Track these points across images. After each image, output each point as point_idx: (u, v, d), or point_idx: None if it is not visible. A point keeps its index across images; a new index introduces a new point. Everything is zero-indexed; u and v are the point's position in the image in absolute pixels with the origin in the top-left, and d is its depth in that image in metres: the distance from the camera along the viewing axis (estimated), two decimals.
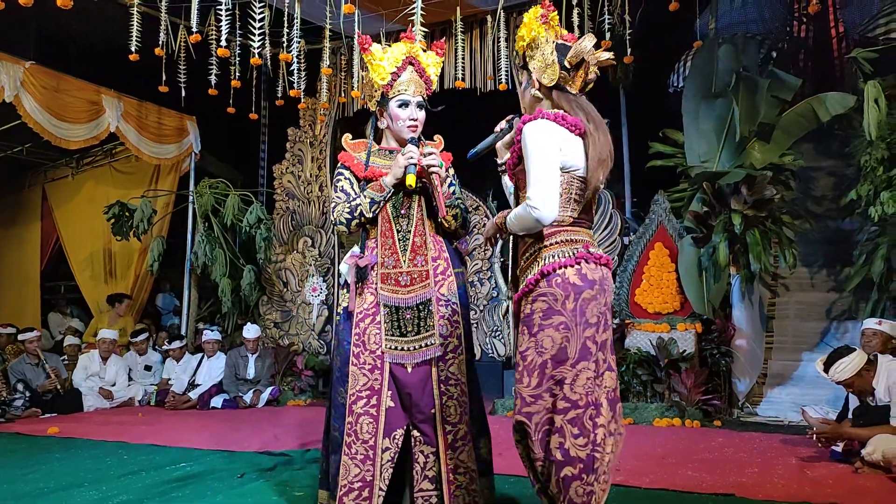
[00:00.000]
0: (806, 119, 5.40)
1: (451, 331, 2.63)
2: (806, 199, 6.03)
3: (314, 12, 6.10)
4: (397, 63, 2.70)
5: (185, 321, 7.66)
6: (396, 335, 2.61)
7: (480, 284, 6.86)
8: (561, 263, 2.13)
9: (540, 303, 2.14)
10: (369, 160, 2.73)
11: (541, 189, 2.08)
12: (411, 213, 2.68)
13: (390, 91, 2.70)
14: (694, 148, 5.77)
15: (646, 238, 5.80)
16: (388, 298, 2.63)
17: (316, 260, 7.46)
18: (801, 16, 7.36)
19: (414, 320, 2.62)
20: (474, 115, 6.57)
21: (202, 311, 7.96)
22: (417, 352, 2.61)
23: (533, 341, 2.13)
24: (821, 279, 5.83)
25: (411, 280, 2.64)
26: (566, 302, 2.11)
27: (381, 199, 2.63)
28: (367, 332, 2.62)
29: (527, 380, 2.14)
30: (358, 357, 2.61)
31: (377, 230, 2.68)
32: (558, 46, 2.24)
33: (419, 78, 2.73)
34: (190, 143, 7.79)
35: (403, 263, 2.64)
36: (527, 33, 2.27)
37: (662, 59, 7.32)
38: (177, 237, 8.00)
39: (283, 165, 7.81)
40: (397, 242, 2.66)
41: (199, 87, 6.20)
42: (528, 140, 2.13)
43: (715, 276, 5.34)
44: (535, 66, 2.25)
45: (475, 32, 6.69)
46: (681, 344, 5.42)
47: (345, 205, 2.64)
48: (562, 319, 2.11)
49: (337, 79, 7.36)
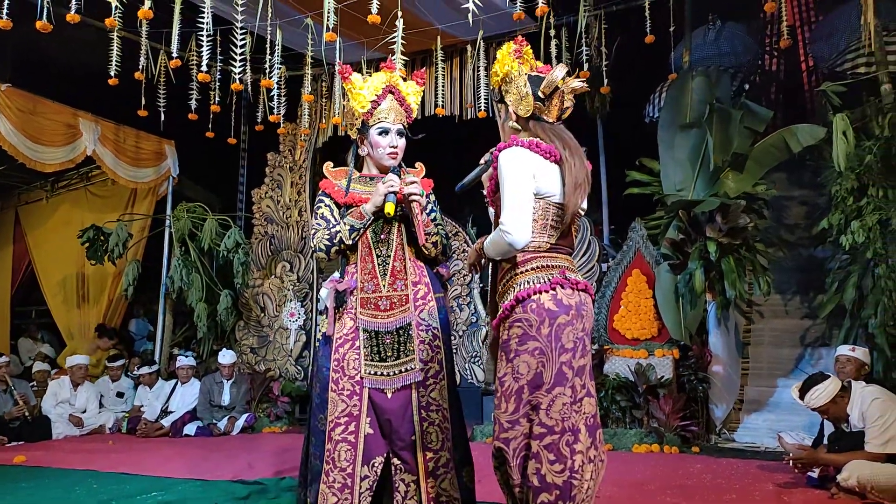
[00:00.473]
0: (778, 150, 5.52)
1: (433, 355, 2.63)
2: (779, 228, 6.14)
3: (296, 39, 6.14)
4: (377, 92, 2.73)
5: (159, 346, 7.53)
6: (376, 360, 2.60)
7: (460, 310, 6.86)
8: (536, 289, 2.15)
9: (516, 328, 2.15)
10: (349, 186, 2.74)
11: (513, 214, 2.12)
12: (391, 239, 2.69)
13: (370, 119, 2.73)
14: (670, 176, 5.86)
15: (623, 264, 5.86)
16: (368, 323, 2.62)
17: (294, 285, 7.40)
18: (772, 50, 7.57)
19: (394, 345, 2.61)
20: (454, 142, 6.65)
21: (177, 336, 7.83)
22: (397, 377, 2.59)
23: (510, 367, 2.14)
24: (794, 306, 5.91)
25: (391, 304, 2.63)
26: (541, 327, 2.12)
27: (360, 226, 2.64)
28: (346, 358, 2.60)
29: (504, 405, 2.14)
30: (337, 383, 2.58)
31: (357, 255, 2.68)
32: (531, 78, 2.30)
33: (399, 106, 2.75)
34: (168, 167, 7.73)
35: (383, 288, 2.64)
36: (500, 68, 2.35)
37: (638, 90, 7.46)
38: (152, 261, 7.89)
39: (263, 190, 7.78)
40: (377, 267, 2.66)
41: (179, 112, 6.18)
42: (502, 167, 2.18)
43: (691, 303, 5.39)
44: (511, 100, 2.32)
45: (455, 61, 6.78)
46: (659, 370, 5.45)
47: (325, 231, 2.65)
48: (537, 345, 2.12)
49: (318, 105, 7.39)
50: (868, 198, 4.77)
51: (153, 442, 6.04)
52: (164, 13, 5.08)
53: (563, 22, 6.13)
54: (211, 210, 7.52)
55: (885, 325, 4.58)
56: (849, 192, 4.86)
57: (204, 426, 6.35)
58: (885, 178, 4.78)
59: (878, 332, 4.60)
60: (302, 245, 7.50)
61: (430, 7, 5.73)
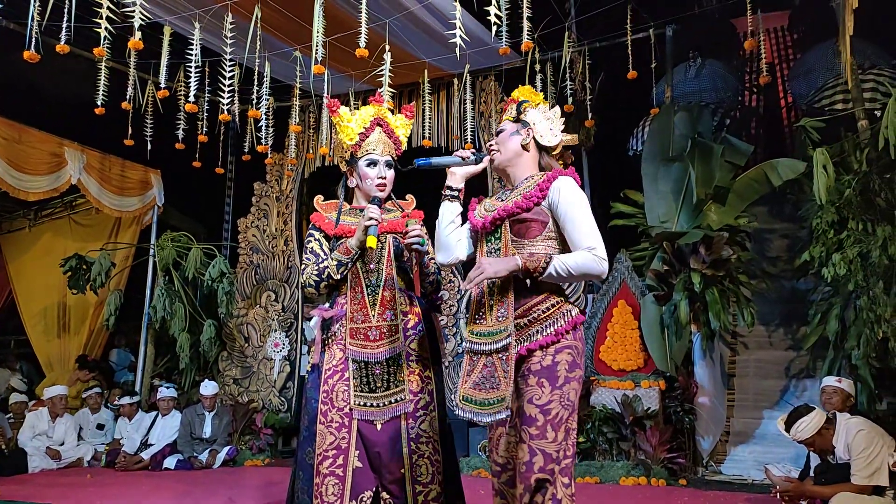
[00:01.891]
0: (759, 183, 5.60)
1: (423, 386, 2.60)
2: (761, 260, 6.20)
3: (284, 71, 6.19)
4: (365, 124, 2.75)
5: (139, 377, 7.40)
6: (365, 391, 2.56)
7: (445, 340, 6.79)
8: (580, 319, 2.21)
9: (565, 354, 2.15)
10: (339, 219, 2.74)
11: (601, 242, 2.15)
12: (381, 268, 2.68)
13: (359, 151, 2.74)
14: (654, 208, 5.92)
15: (609, 295, 5.87)
16: (357, 353, 2.59)
17: (279, 315, 7.33)
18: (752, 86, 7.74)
19: (383, 376, 2.58)
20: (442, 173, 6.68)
21: (158, 367, 7.69)
22: (387, 408, 2.55)
23: (557, 394, 2.11)
24: (779, 337, 5.94)
25: (380, 334, 2.60)
26: (583, 355, 2.22)
27: (347, 260, 2.62)
28: (335, 390, 2.57)
29: (552, 434, 2.08)
30: (325, 415, 2.54)
31: (347, 284, 2.66)
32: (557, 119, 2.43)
33: (388, 138, 2.77)
34: (153, 196, 7.69)
35: (373, 318, 2.62)
36: (532, 99, 2.45)
37: (622, 124, 7.58)
38: (135, 291, 7.79)
39: (248, 219, 7.75)
40: (366, 296, 2.64)
41: (166, 141, 6.18)
42: (578, 192, 2.23)
43: (677, 334, 5.40)
44: (540, 127, 2.38)
45: (441, 94, 6.86)
46: (645, 401, 5.43)
47: (313, 266, 2.63)
48: (580, 372, 2.19)
49: (305, 135, 7.41)
50: (848, 231, 4.84)
51: (132, 476, 5.89)
52: (153, 44, 5.11)
53: (549, 57, 6.24)
54: (196, 239, 7.46)
55: (867, 356, 4.61)
56: (829, 225, 4.93)
57: (184, 459, 6.21)
58: (864, 212, 4.85)
59: (861, 363, 4.62)
60: (287, 275, 7.45)
61: (417, 41, 5.81)
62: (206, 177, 6.93)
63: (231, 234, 8.03)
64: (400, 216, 2.84)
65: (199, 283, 7.27)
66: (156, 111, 6.20)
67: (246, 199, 7.85)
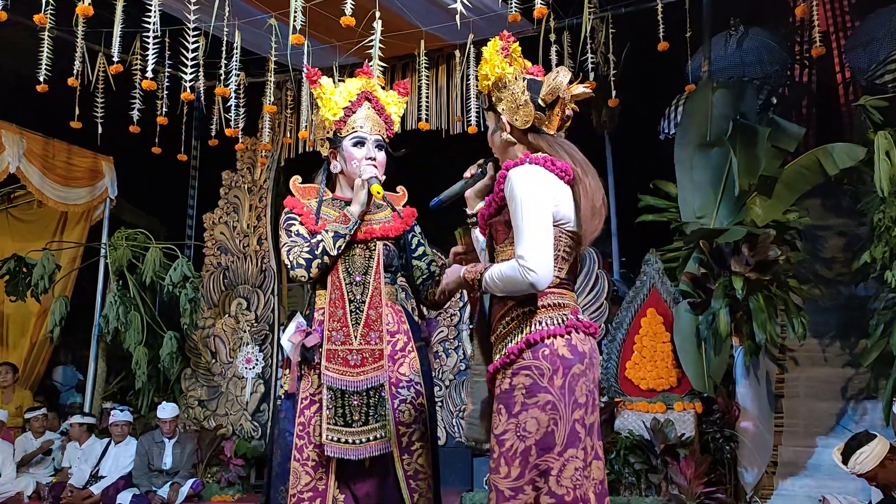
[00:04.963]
0: (811, 172, 5.58)
1: (416, 416, 2.58)
2: (814, 262, 6.19)
3: (257, 42, 6.18)
4: (351, 98, 2.73)
5: (89, 399, 7.39)
6: (339, 424, 2.52)
7: (446, 356, 6.81)
8: (550, 332, 2.12)
9: (522, 377, 2.11)
10: (320, 210, 2.71)
11: (536, 247, 2.06)
12: (367, 280, 2.63)
13: (343, 128, 2.71)
14: (688, 202, 5.91)
15: (636, 303, 5.86)
16: (334, 380, 2.54)
17: (251, 326, 7.33)
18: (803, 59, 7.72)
19: (361, 408, 2.53)
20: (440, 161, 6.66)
21: (111, 386, 7.69)
22: (363, 446, 2.50)
23: (513, 423, 2.10)
24: (834, 352, 5.93)
25: (362, 360, 2.56)
26: (553, 377, 2.09)
27: (346, 231, 2.60)
28: (312, 422, 2.54)
29: (505, 469, 2.09)
30: (301, 451, 2.52)
31: (326, 298, 2.62)
32: (529, 84, 2.27)
33: (377, 116, 2.75)
34: (105, 188, 7.68)
35: (354, 339, 2.58)
36: (490, 70, 2.30)
37: (651, 103, 7.56)
38: (84, 298, 7.79)
39: (216, 214, 7.75)
40: (348, 314, 2.59)
41: (119, 124, 6.16)
42: (517, 188, 2.13)
43: (715, 348, 5.39)
44: (505, 108, 2.27)
45: (441, 68, 6.85)
46: (679, 426, 5.42)
47: (303, 245, 2.59)
48: (548, 398, 2.08)
49: (281, 117, 7.41)
50: None
51: None
52: (105, 11, 5.09)
53: (565, 25, 6.22)
54: (154, 238, 7.46)
55: None
56: (893, 221, 4.91)
57: (141, 494, 6.20)
58: None
59: None
60: (262, 279, 7.44)
61: (413, 7, 5.80)
62: (166, 165, 6.92)
63: (196, 232, 8.02)
64: (391, 216, 2.81)
65: (158, 288, 7.26)
66: (108, 89, 6.18)
67: (213, 191, 7.85)
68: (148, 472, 6.35)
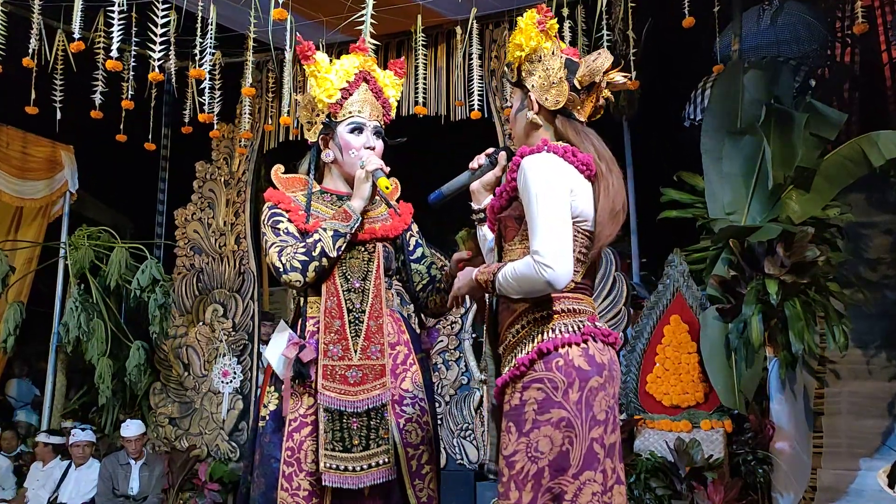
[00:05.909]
0: (854, 163, 5.58)
1: (423, 435, 2.56)
2: (858, 263, 6.18)
3: (234, 17, 6.17)
4: (349, 78, 2.71)
5: (46, 416, 7.39)
6: (338, 450, 2.49)
7: (446, 368, 6.80)
8: (564, 340, 2.11)
9: (534, 391, 2.11)
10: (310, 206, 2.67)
11: (553, 242, 2.05)
12: (367, 286, 2.61)
13: (339, 112, 2.69)
14: (717, 196, 5.91)
15: (659, 309, 5.86)
16: (333, 401, 2.51)
17: (228, 335, 7.32)
18: (844, 37, 7.71)
19: (362, 430, 2.51)
20: (438, 150, 6.67)
21: (71, 402, 7.70)
22: (364, 474, 2.48)
23: (524, 442, 2.09)
24: (879, 364, 5.92)
25: (363, 377, 2.54)
26: (569, 391, 2.08)
27: (347, 230, 2.56)
28: (303, 447, 2.52)
29: (515, 494, 2.09)
30: (290, 480, 2.50)
31: (321, 307, 2.58)
32: (566, 62, 2.27)
33: (375, 100, 2.73)
34: (64, 180, 7.69)
35: (354, 354, 2.55)
36: (525, 41, 2.29)
37: (675, 86, 7.56)
38: (41, 304, 7.79)
39: (189, 210, 7.74)
40: (347, 326, 2.56)
41: (80, 109, 6.15)
42: (532, 179, 2.13)
43: (747, 360, 5.38)
44: (536, 83, 2.28)
45: (440, 47, 6.84)
46: (706, 447, 5.42)
47: (297, 245, 2.55)
48: (563, 414, 2.08)
49: (262, 101, 7.40)
50: None
51: None
52: None
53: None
54: (120, 236, 7.46)
55: None
56: None
57: None
58: None
59: None
60: (240, 282, 7.44)
61: None
62: (133, 155, 6.91)
63: (166, 230, 8.02)
64: (388, 213, 2.79)
65: (124, 293, 7.26)
66: (67, 69, 6.17)
67: (185, 185, 7.85)
68: (112, 498, 6.35)
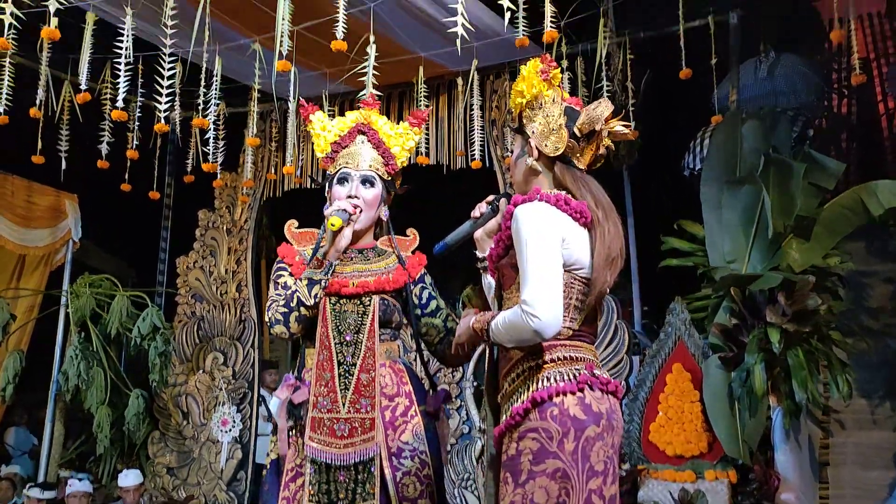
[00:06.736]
0: (853, 213, 5.60)
1: (421, 489, 2.55)
2: (859, 312, 6.16)
3: (239, 69, 6.27)
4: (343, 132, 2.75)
5: (44, 465, 7.32)
6: (324, 502, 2.49)
7: (447, 417, 6.73)
8: (559, 389, 2.11)
9: (529, 441, 2.10)
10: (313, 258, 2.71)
11: (541, 291, 2.06)
12: (359, 340, 2.62)
13: (331, 166, 2.75)
14: (717, 244, 5.92)
15: (661, 358, 5.83)
16: (317, 452, 2.52)
17: (228, 383, 7.29)
18: (841, 88, 7.79)
19: (348, 484, 2.50)
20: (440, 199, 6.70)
21: (69, 451, 7.64)
22: None
23: (520, 493, 2.08)
24: (884, 414, 5.88)
25: (350, 430, 2.54)
26: (564, 441, 2.08)
27: (322, 276, 2.59)
28: (297, 497, 2.52)
29: None
30: None
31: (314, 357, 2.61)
32: (567, 110, 2.31)
33: (373, 150, 2.77)
34: (68, 229, 7.71)
35: (342, 407, 2.56)
36: (527, 88, 2.34)
37: (674, 136, 7.62)
38: (41, 352, 7.77)
39: (191, 258, 7.77)
40: (337, 378, 2.58)
41: (86, 159, 6.21)
42: (524, 227, 2.15)
43: (751, 409, 5.35)
44: (536, 130, 2.31)
45: (442, 98, 6.93)
46: (711, 498, 5.36)
47: (280, 300, 2.60)
48: (559, 465, 2.07)
49: (265, 150, 7.47)
50: None
51: None
52: (72, 34, 5.16)
53: (579, 51, 6.31)
54: (122, 284, 7.47)
55: None
56: None
57: None
58: None
59: None
60: (240, 330, 7.43)
61: (410, 31, 5.89)
62: (136, 204, 6.95)
63: (168, 278, 8.03)
64: (393, 265, 2.81)
65: (124, 341, 7.25)
66: (74, 120, 6.24)
67: (188, 233, 7.88)
68: None
